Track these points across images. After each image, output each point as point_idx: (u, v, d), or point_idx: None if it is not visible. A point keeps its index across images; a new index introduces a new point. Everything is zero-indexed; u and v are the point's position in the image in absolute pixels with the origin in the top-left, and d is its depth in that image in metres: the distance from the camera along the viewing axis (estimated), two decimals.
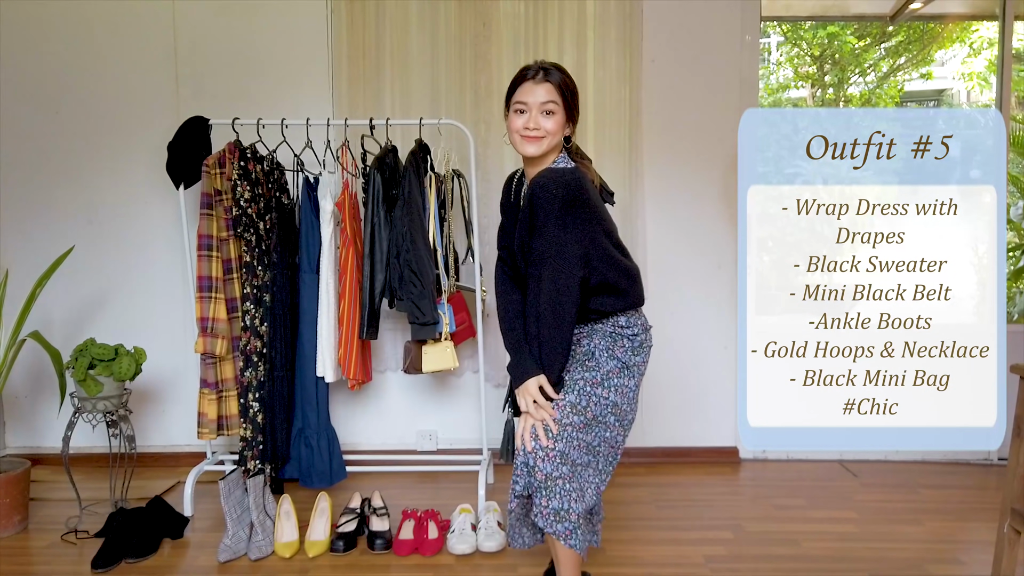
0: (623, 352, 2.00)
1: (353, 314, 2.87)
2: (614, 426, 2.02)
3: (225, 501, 2.57)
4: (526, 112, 1.96)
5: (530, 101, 1.96)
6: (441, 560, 2.54)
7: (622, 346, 2.00)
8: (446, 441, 3.53)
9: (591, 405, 1.97)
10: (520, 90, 1.98)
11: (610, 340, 2.00)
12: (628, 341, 2.01)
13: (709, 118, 3.41)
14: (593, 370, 1.99)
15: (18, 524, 2.77)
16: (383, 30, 3.32)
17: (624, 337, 2.01)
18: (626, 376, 2.00)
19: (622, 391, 2.00)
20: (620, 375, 1.99)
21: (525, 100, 1.96)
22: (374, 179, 2.79)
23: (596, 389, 1.98)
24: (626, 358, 2.00)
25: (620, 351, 2.00)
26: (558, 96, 1.96)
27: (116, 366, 2.78)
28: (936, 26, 5.23)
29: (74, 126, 3.42)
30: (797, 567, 2.47)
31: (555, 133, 1.97)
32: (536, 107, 1.95)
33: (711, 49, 3.40)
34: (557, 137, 1.98)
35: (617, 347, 2.00)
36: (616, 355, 2.00)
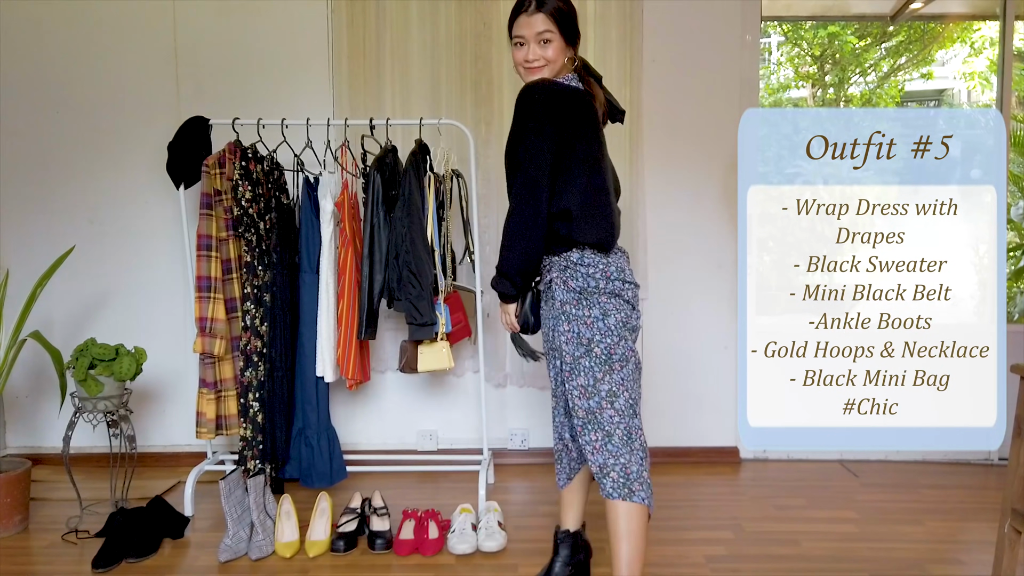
0: (576, 282, 2.01)
1: (352, 314, 2.87)
2: (583, 358, 2.00)
3: (225, 501, 2.57)
4: (524, 44, 2.04)
5: (526, 33, 2.03)
6: (441, 560, 2.54)
7: (574, 277, 2.02)
8: (446, 441, 3.53)
9: (553, 337, 2.06)
10: (516, 24, 2.05)
11: (563, 272, 2.03)
12: (584, 269, 2.01)
13: (709, 118, 3.40)
14: (550, 302, 2.07)
15: (19, 524, 2.78)
16: (383, 30, 3.32)
17: (577, 268, 2.01)
18: (584, 306, 2.00)
19: (583, 321, 2.00)
20: (577, 305, 2.00)
21: (522, 33, 2.04)
22: (374, 179, 2.79)
23: (554, 322, 2.05)
24: (580, 286, 2.01)
25: (573, 281, 2.02)
26: (552, 24, 2.02)
27: (117, 366, 2.78)
28: (937, 26, 5.22)
29: (74, 126, 3.42)
30: (797, 567, 2.47)
31: (555, 59, 2.04)
32: (533, 38, 2.02)
33: (711, 49, 3.39)
34: (559, 62, 2.05)
35: (570, 278, 2.02)
36: (570, 286, 2.01)
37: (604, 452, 2.01)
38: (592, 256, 2.02)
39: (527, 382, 3.47)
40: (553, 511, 2.92)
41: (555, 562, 2.29)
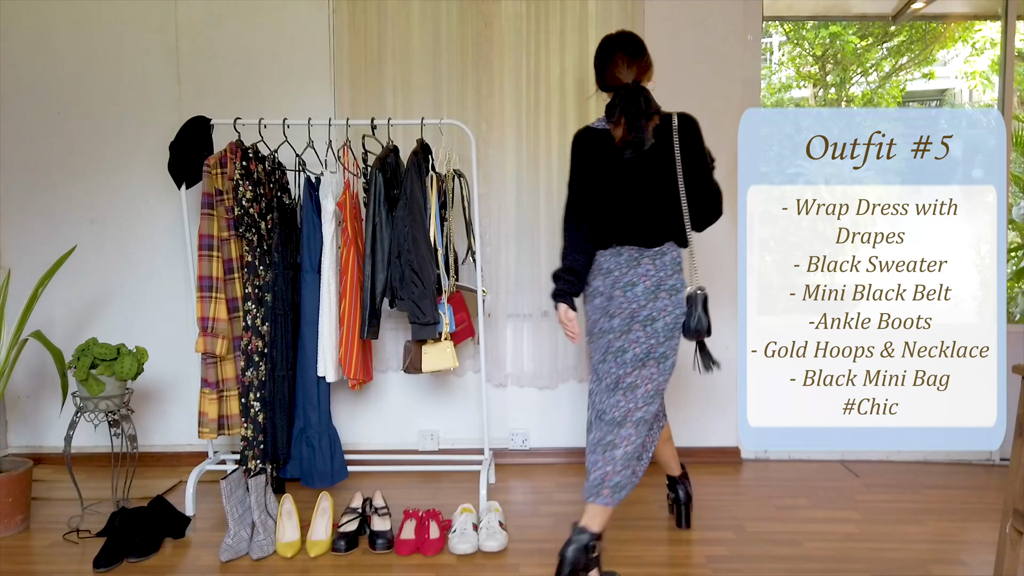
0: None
1: (354, 314, 2.87)
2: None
3: (227, 501, 2.57)
4: None
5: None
6: (442, 560, 2.54)
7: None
8: (447, 441, 3.53)
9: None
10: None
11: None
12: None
13: (710, 118, 3.37)
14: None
15: (20, 523, 2.78)
16: (385, 30, 3.32)
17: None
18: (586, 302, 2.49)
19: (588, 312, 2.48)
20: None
21: None
22: (376, 179, 2.79)
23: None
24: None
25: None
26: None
27: (118, 366, 2.78)
28: (938, 26, 5.23)
29: (76, 126, 3.43)
30: (799, 567, 2.47)
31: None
32: None
33: (713, 49, 3.40)
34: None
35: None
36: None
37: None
38: (602, 254, 2.45)
39: (528, 382, 3.47)
40: (554, 511, 2.92)
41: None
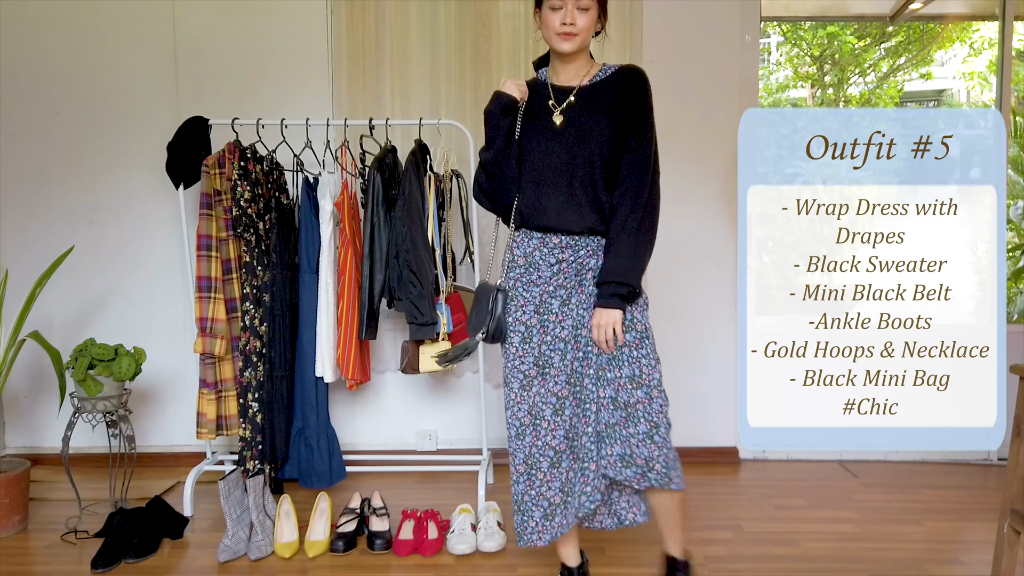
0: None
1: (352, 314, 2.87)
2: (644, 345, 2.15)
3: (225, 501, 2.57)
4: (561, 8, 1.92)
5: None
6: (441, 560, 2.53)
7: None
8: (446, 441, 3.53)
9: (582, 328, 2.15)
10: None
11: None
12: None
13: (709, 118, 3.40)
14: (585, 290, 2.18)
15: (18, 524, 2.77)
16: (383, 30, 3.32)
17: None
18: None
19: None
20: None
21: None
22: (374, 179, 2.79)
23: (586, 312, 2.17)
24: None
25: None
26: None
27: (116, 366, 2.78)
28: (936, 26, 5.24)
29: (74, 126, 3.42)
30: (797, 567, 2.47)
31: (588, 30, 1.97)
32: (572, 3, 1.92)
33: (711, 49, 3.39)
34: (589, 35, 1.99)
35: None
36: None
37: (649, 444, 2.02)
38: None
39: None
40: None
41: None
